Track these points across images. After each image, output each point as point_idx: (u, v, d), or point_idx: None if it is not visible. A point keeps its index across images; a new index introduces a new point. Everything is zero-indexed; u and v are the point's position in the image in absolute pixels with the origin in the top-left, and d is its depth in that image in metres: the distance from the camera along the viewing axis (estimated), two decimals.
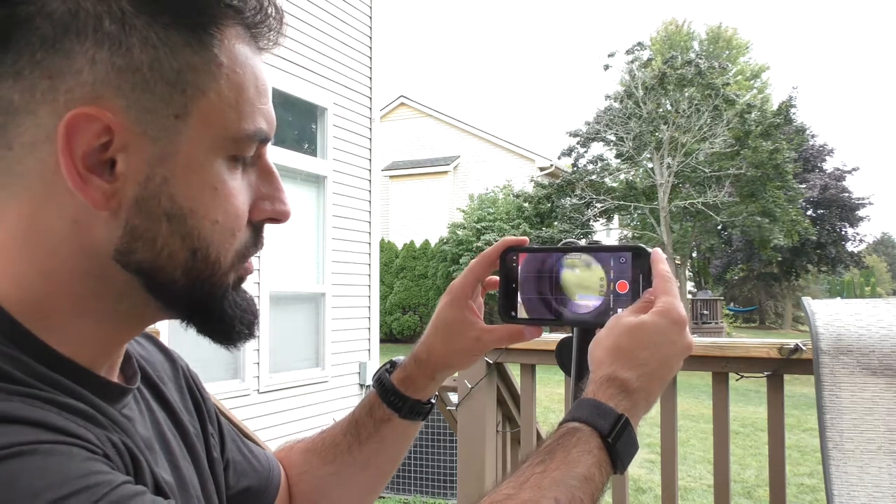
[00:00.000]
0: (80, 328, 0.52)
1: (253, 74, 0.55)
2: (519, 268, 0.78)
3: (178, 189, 0.51)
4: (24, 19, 0.48)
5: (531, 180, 21.76)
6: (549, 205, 20.80)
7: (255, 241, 0.58)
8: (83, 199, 0.49)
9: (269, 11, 0.56)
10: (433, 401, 0.84)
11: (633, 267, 0.73)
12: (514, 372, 2.19)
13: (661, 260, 0.72)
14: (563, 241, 0.79)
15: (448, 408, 2.66)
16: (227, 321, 0.57)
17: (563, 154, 22.68)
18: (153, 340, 0.72)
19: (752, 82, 33.70)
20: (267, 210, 0.58)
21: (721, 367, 1.76)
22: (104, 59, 0.49)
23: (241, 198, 0.55)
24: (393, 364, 0.83)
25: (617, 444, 0.61)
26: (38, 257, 0.51)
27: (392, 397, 0.80)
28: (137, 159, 0.50)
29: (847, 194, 28.13)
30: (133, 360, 0.63)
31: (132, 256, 0.52)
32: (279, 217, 0.59)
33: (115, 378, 0.58)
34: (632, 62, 21.58)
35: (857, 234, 29.48)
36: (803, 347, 1.61)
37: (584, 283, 0.75)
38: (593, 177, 21.34)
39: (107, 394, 0.54)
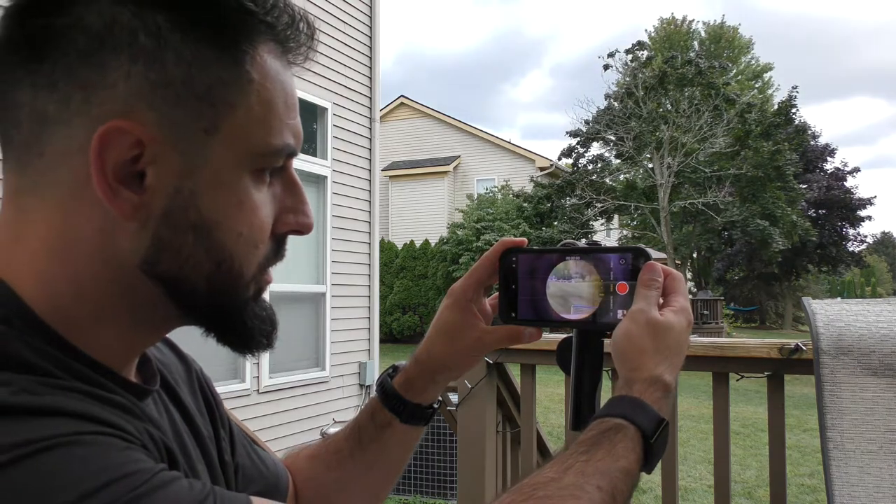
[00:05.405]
0: (103, 333, 0.53)
1: (283, 90, 0.55)
2: (518, 269, 0.77)
3: (205, 202, 0.52)
4: (60, 31, 0.49)
5: (531, 180, 21.75)
6: (549, 205, 20.80)
7: (277, 252, 0.59)
8: (112, 209, 0.50)
9: (301, 27, 0.56)
10: (435, 406, 0.84)
11: (634, 268, 0.73)
12: (515, 372, 2.19)
13: (666, 263, 0.73)
14: (563, 241, 0.79)
15: (448, 408, 2.66)
16: (247, 332, 0.58)
17: (563, 154, 22.68)
18: (169, 343, 0.73)
19: (752, 82, 33.68)
20: (290, 222, 0.59)
21: (721, 367, 1.76)
22: (138, 73, 0.49)
23: (266, 210, 0.56)
24: (395, 368, 0.83)
25: (654, 445, 0.63)
26: (65, 264, 0.51)
27: (393, 401, 0.81)
28: (167, 172, 0.51)
29: (848, 195, 28.12)
30: (152, 362, 0.64)
31: (158, 266, 0.52)
32: (302, 229, 0.60)
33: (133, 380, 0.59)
34: (632, 62, 21.59)
35: (858, 234, 29.50)
36: (804, 347, 1.61)
37: (583, 284, 0.75)
38: (593, 177, 21.35)
39: (131, 394, 0.55)
